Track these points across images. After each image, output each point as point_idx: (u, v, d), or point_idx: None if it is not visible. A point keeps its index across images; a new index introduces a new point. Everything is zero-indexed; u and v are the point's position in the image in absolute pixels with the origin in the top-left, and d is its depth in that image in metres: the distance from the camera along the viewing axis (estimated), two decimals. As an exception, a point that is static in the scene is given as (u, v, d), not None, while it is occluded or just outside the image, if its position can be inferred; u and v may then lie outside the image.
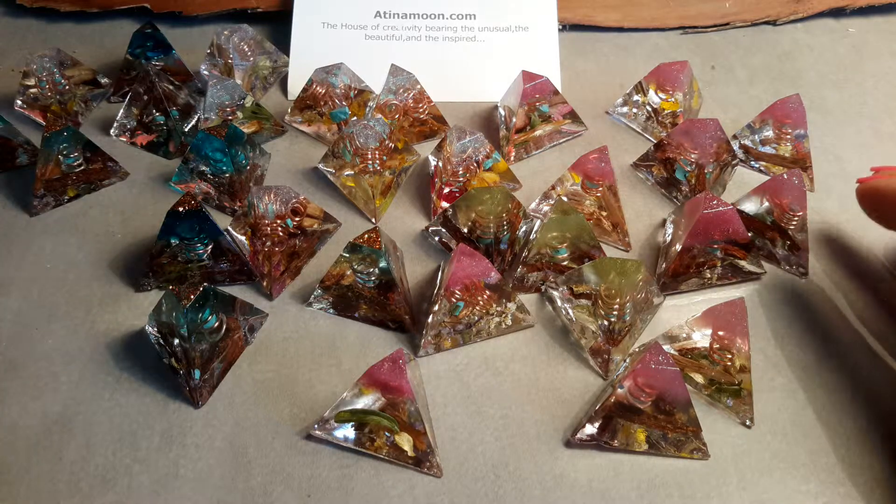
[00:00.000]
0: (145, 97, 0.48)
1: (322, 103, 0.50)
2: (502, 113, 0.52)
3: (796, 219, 0.42)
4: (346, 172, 0.46)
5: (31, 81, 0.50)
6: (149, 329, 0.37)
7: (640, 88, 0.52)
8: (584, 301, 0.39)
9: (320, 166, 0.47)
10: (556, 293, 0.41)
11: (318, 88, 0.50)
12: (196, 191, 0.45)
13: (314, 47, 0.55)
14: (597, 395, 0.37)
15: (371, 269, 0.38)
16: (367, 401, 0.34)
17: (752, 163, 0.50)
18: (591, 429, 0.35)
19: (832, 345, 0.40)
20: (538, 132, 0.50)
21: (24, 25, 0.59)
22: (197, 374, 0.35)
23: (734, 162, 0.47)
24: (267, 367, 0.38)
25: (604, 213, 0.45)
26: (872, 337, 0.40)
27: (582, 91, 0.55)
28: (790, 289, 0.42)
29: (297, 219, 0.42)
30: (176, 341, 0.35)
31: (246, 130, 0.48)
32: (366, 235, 0.38)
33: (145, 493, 0.33)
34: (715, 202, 0.39)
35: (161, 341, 0.37)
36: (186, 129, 0.49)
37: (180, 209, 0.38)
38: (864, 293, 0.42)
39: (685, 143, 0.46)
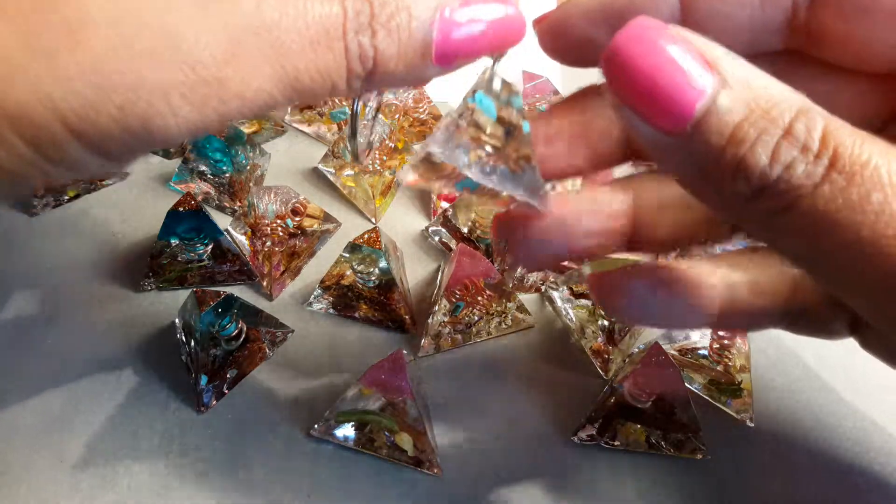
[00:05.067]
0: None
1: (322, 103, 0.50)
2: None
3: None
4: (346, 172, 0.46)
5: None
6: (177, 322, 0.38)
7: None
8: (584, 301, 0.39)
9: (320, 166, 0.47)
10: (556, 293, 0.41)
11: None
12: (196, 191, 0.45)
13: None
14: (597, 395, 0.37)
15: (371, 269, 0.38)
16: (367, 401, 0.34)
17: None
18: (591, 429, 0.35)
19: (832, 344, 0.40)
20: (538, 132, 0.50)
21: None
22: (204, 379, 0.35)
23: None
24: (267, 367, 0.38)
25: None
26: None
27: (582, 91, 0.55)
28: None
29: (297, 219, 0.42)
30: (192, 343, 0.36)
31: (246, 130, 0.48)
32: (366, 235, 0.38)
33: (145, 493, 0.33)
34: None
35: (183, 338, 0.37)
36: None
37: (180, 209, 0.38)
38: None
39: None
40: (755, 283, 0.27)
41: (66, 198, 0.45)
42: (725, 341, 0.37)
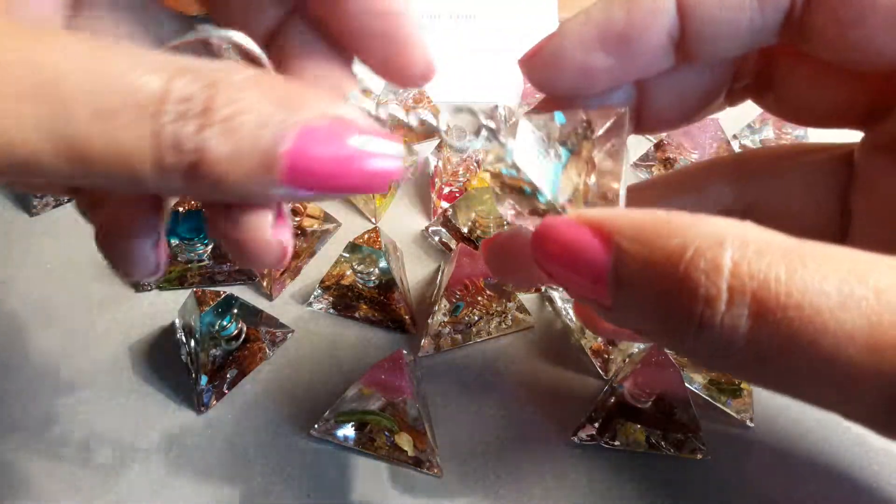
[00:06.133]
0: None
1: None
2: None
3: None
4: (346, 172, 0.46)
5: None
6: (177, 322, 0.38)
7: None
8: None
9: (320, 166, 0.47)
10: (556, 293, 0.41)
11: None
12: (196, 191, 0.45)
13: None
14: (597, 395, 0.37)
15: (371, 269, 0.38)
16: (367, 401, 0.34)
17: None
18: (591, 429, 0.35)
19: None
20: (538, 132, 0.50)
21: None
22: (204, 379, 0.35)
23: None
24: (267, 367, 0.38)
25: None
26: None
27: (582, 91, 0.55)
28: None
29: (297, 219, 0.42)
30: (192, 343, 0.36)
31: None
32: (366, 235, 0.38)
33: (145, 493, 0.33)
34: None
35: (183, 338, 0.37)
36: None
37: (180, 209, 0.38)
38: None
39: (685, 142, 0.46)
40: None
41: (67, 198, 0.45)
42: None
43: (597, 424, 0.35)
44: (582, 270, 0.18)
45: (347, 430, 0.34)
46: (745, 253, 0.15)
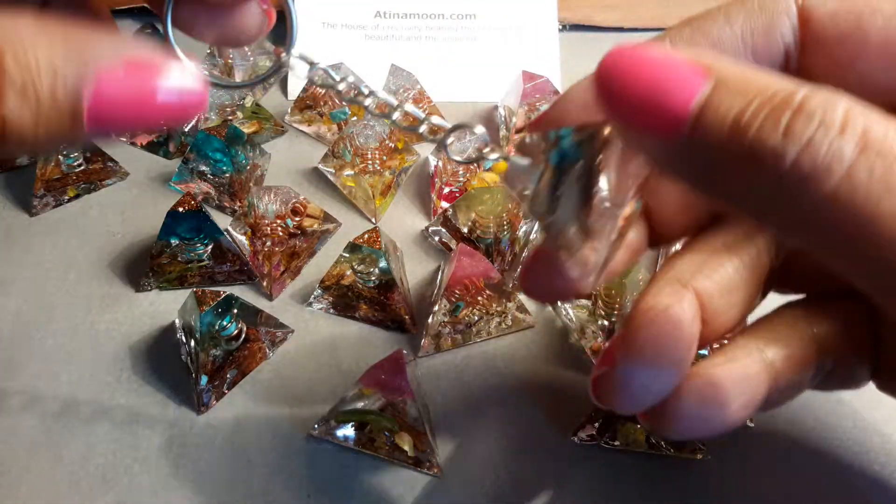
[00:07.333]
0: (145, 97, 0.48)
1: (322, 103, 0.50)
2: (502, 113, 0.52)
3: None
4: (346, 172, 0.46)
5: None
6: (177, 322, 0.38)
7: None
8: (584, 301, 0.39)
9: (320, 166, 0.47)
10: (556, 293, 0.41)
11: (318, 88, 0.50)
12: (196, 191, 0.45)
13: (314, 47, 0.55)
14: (597, 395, 0.37)
15: (371, 269, 0.38)
16: (367, 401, 0.34)
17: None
18: (591, 429, 0.35)
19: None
20: (538, 132, 0.50)
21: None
22: (204, 379, 0.35)
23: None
24: (267, 367, 0.38)
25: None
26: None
27: (582, 91, 0.55)
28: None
29: (297, 219, 0.42)
30: (192, 343, 0.36)
31: (246, 130, 0.48)
32: (366, 235, 0.38)
33: (145, 493, 0.33)
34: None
35: (183, 338, 0.37)
36: (186, 129, 0.49)
37: (180, 209, 0.38)
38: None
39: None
40: (789, 356, 0.25)
41: (67, 198, 0.45)
42: (725, 340, 0.37)
43: (597, 424, 0.35)
44: (667, 98, 0.16)
45: (347, 430, 0.34)
46: (855, 103, 0.15)
